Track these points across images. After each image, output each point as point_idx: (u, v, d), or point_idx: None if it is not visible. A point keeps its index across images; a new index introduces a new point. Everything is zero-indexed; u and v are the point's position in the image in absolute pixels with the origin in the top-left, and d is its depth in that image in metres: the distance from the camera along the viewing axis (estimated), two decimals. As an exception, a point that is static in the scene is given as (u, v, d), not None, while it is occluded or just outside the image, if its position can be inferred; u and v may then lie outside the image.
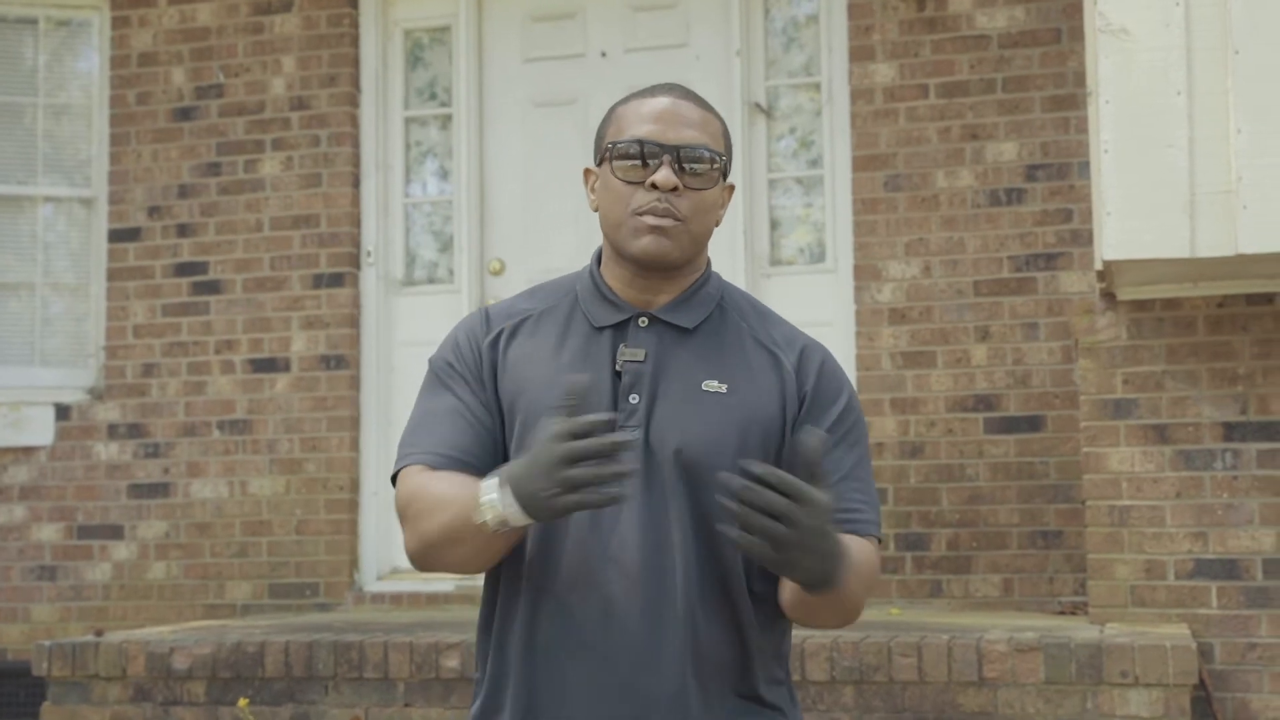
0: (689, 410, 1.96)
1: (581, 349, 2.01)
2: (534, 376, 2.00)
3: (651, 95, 2.02)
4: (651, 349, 2.00)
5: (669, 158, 1.96)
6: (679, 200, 1.97)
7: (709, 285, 2.06)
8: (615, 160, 1.99)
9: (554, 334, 2.04)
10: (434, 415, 2.02)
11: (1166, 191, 4.02)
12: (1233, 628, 4.38)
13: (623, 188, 1.98)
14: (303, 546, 5.93)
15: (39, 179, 6.41)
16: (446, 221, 6.14)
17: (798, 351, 2.05)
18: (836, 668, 4.08)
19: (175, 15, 6.28)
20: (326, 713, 4.38)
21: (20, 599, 6.16)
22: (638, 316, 2.02)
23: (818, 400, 2.02)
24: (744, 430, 1.97)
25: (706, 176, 1.99)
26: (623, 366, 1.99)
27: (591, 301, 2.04)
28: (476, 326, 2.07)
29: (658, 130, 1.97)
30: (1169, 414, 4.49)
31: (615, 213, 2.00)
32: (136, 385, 6.17)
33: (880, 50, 5.59)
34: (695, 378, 1.99)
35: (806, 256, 5.81)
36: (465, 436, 1.99)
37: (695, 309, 2.03)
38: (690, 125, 1.99)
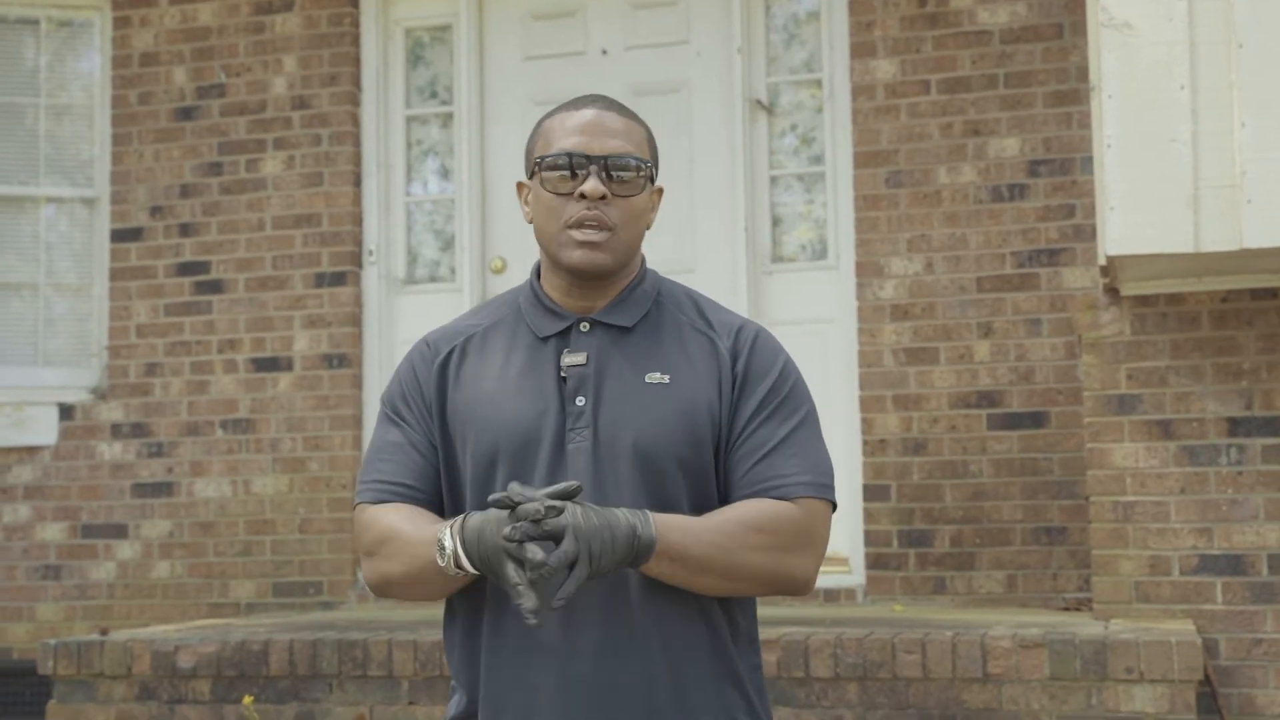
0: (634, 404, 2.03)
1: (527, 360, 2.08)
2: (484, 392, 2.07)
3: (576, 108, 2.09)
4: (593, 351, 2.06)
5: (595, 168, 2.03)
6: (609, 208, 2.03)
7: (645, 283, 2.13)
8: (545, 173, 2.06)
9: (501, 348, 2.11)
10: (385, 450, 2.12)
11: (1170, 186, 4.01)
12: (1238, 623, 4.38)
13: (553, 199, 2.05)
14: (306, 545, 5.93)
15: (41, 179, 6.41)
16: (448, 220, 6.13)
17: (733, 333, 2.10)
18: (840, 664, 4.07)
19: (176, 15, 6.28)
20: (331, 711, 4.38)
21: (25, 598, 6.16)
22: (579, 323, 2.08)
23: (749, 377, 2.07)
24: (689, 416, 2.03)
25: (633, 183, 2.05)
26: (566, 372, 2.05)
27: (534, 313, 2.11)
28: (421, 356, 2.15)
29: (584, 141, 2.04)
30: (1173, 409, 4.49)
31: (549, 225, 2.06)
32: (139, 385, 6.17)
33: (881, 46, 5.59)
34: (638, 372, 2.05)
35: (808, 253, 5.81)
36: (412, 471, 2.09)
37: (632, 307, 2.10)
38: (615, 135, 2.05)
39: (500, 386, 2.06)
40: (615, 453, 2.01)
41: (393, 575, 2.03)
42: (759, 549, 1.98)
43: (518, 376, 2.07)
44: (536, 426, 2.03)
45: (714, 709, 2.02)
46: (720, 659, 2.04)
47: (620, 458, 2.01)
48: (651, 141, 2.12)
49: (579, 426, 2.02)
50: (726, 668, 2.04)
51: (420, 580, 2.00)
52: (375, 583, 2.08)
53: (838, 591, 5.47)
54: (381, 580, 2.06)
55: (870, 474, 5.44)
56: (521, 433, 2.03)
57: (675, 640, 2.00)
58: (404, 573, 2.01)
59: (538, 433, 2.02)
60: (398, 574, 2.02)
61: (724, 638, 2.04)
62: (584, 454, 2.01)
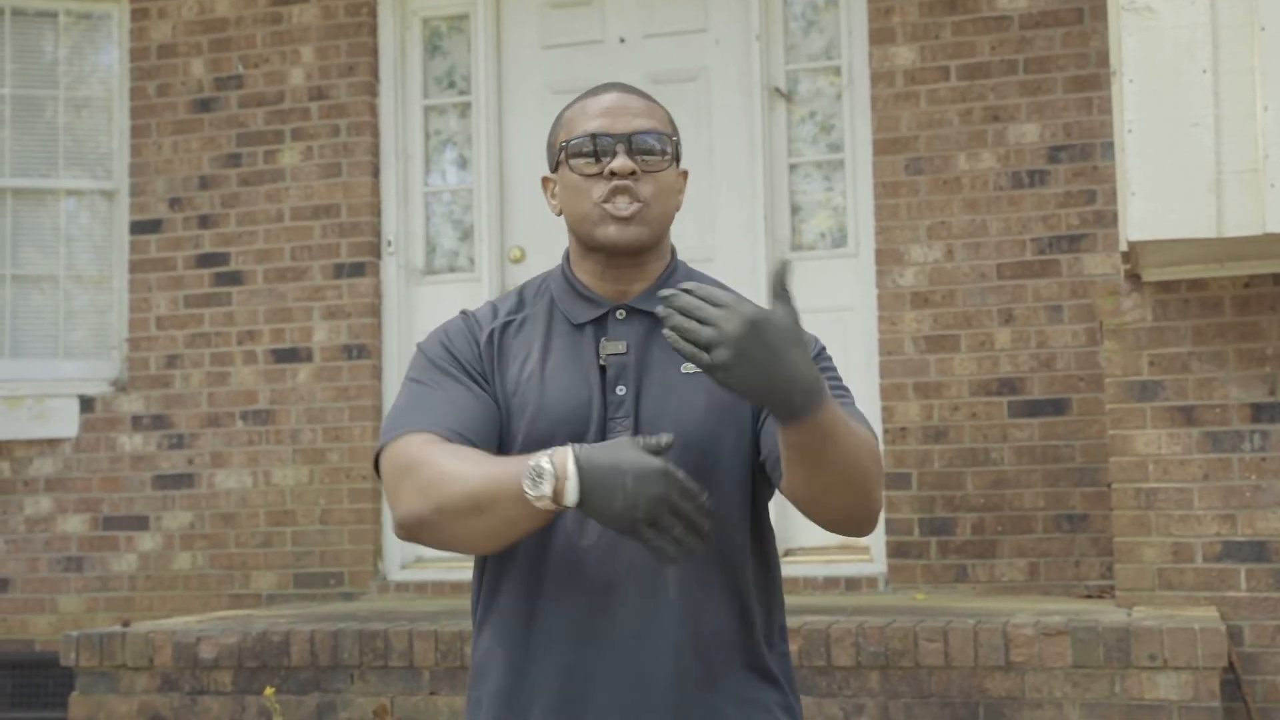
0: (674, 395, 2.02)
1: (566, 349, 2.06)
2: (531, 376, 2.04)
3: (596, 95, 2.10)
4: (632, 340, 2.05)
5: (622, 146, 2.03)
6: (638, 185, 2.03)
7: (678, 273, 2.12)
8: (571, 159, 2.06)
9: (539, 337, 2.08)
10: (431, 398, 1.99)
11: (1192, 171, 3.98)
12: (1262, 610, 4.35)
13: (582, 182, 2.05)
14: (326, 536, 5.93)
15: (61, 172, 6.43)
16: (466, 210, 6.13)
17: None
18: (862, 653, 4.06)
19: (194, 6, 6.28)
20: (352, 701, 4.38)
21: (48, 590, 6.18)
22: (615, 310, 2.07)
23: None
24: (728, 405, 2.01)
25: (660, 159, 2.05)
26: (606, 360, 2.04)
27: (567, 300, 2.09)
28: (468, 328, 2.08)
29: (608, 123, 2.05)
30: (1195, 396, 4.46)
31: (579, 208, 2.05)
32: (160, 376, 6.19)
33: (900, 33, 5.56)
34: (676, 362, 2.03)
35: (828, 241, 5.79)
36: (473, 419, 1.97)
37: None
38: (638, 114, 2.06)
39: (546, 372, 2.04)
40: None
41: (447, 501, 1.85)
42: (867, 459, 1.88)
43: (561, 363, 2.05)
44: (584, 414, 2.01)
45: (746, 698, 2.01)
46: (752, 648, 2.03)
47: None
48: (673, 123, 2.13)
49: (619, 416, 2.01)
50: (758, 657, 2.03)
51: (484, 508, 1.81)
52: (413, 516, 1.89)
53: (859, 580, 5.46)
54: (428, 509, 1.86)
55: (891, 462, 5.42)
56: (572, 419, 2.00)
57: (709, 629, 1.98)
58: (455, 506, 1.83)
59: (585, 420, 2.01)
60: (454, 498, 1.84)
61: (757, 626, 2.03)
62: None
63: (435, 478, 1.87)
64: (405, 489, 1.90)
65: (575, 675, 1.96)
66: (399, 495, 1.91)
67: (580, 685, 1.96)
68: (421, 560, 5.96)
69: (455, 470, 1.86)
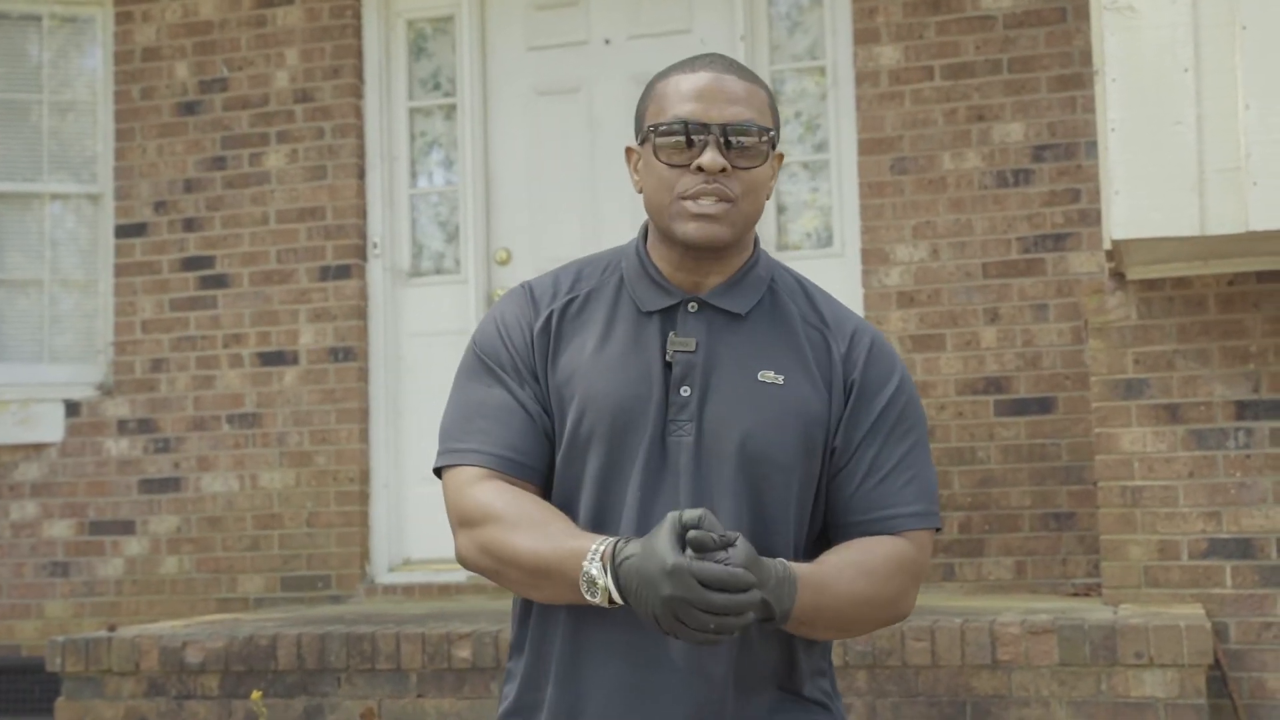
0: (744, 402, 1.89)
1: (630, 336, 1.93)
2: (583, 367, 1.92)
3: (692, 70, 1.91)
4: (702, 337, 1.92)
5: (714, 137, 1.87)
6: (728, 181, 1.88)
7: (759, 267, 1.98)
8: (658, 140, 1.89)
9: (601, 319, 1.95)
10: (486, 408, 1.92)
11: (1175, 169, 3.99)
12: (1248, 607, 4.36)
13: (667, 171, 1.89)
14: (314, 539, 5.93)
15: (45, 176, 6.41)
16: (452, 211, 6.12)
17: (848, 336, 1.97)
18: (850, 652, 4.07)
19: (178, 9, 6.27)
20: (339, 704, 4.38)
21: (33, 595, 6.17)
22: (687, 302, 1.94)
23: (865, 388, 1.95)
24: (801, 421, 1.90)
25: (755, 153, 1.89)
26: (673, 357, 1.91)
27: (638, 283, 1.96)
28: (523, 309, 1.97)
29: (701, 108, 1.87)
30: (1180, 393, 4.47)
31: (660, 197, 1.90)
32: (145, 380, 6.18)
33: (885, 32, 5.57)
34: (750, 368, 1.91)
35: (813, 241, 5.79)
36: (523, 438, 1.91)
37: (747, 293, 1.95)
38: (735, 100, 1.88)
39: (602, 361, 1.91)
40: (720, 452, 1.88)
41: (507, 577, 1.86)
42: (879, 603, 1.89)
43: (621, 353, 1.91)
44: (640, 412, 1.89)
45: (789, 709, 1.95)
46: (796, 673, 1.96)
47: (724, 459, 1.88)
48: (774, 105, 1.94)
49: (682, 419, 1.88)
50: (795, 682, 1.96)
51: (540, 588, 1.84)
52: (478, 566, 1.90)
53: (846, 580, 5.46)
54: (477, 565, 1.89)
55: (877, 462, 5.42)
56: (623, 416, 1.88)
57: (753, 658, 1.91)
58: (519, 577, 1.84)
59: (640, 419, 1.89)
60: (513, 575, 1.85)
61: (798, 653, 1.95)
62: (686, 450, 1.88)
63: (491, 545, 1.86)
64: (464, 538, 1.91)
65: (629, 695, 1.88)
66: (458, 536, 1.92)
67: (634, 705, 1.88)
68: (409, 563, 5.95)
69: (515, 549, 1.84)
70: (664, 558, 1.67)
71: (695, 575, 1.66)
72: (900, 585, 1.90)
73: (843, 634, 1.92)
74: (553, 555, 1.79)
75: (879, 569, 1.88)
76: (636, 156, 1.97)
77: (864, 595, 1.86)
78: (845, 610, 1.85)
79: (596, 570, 1.74)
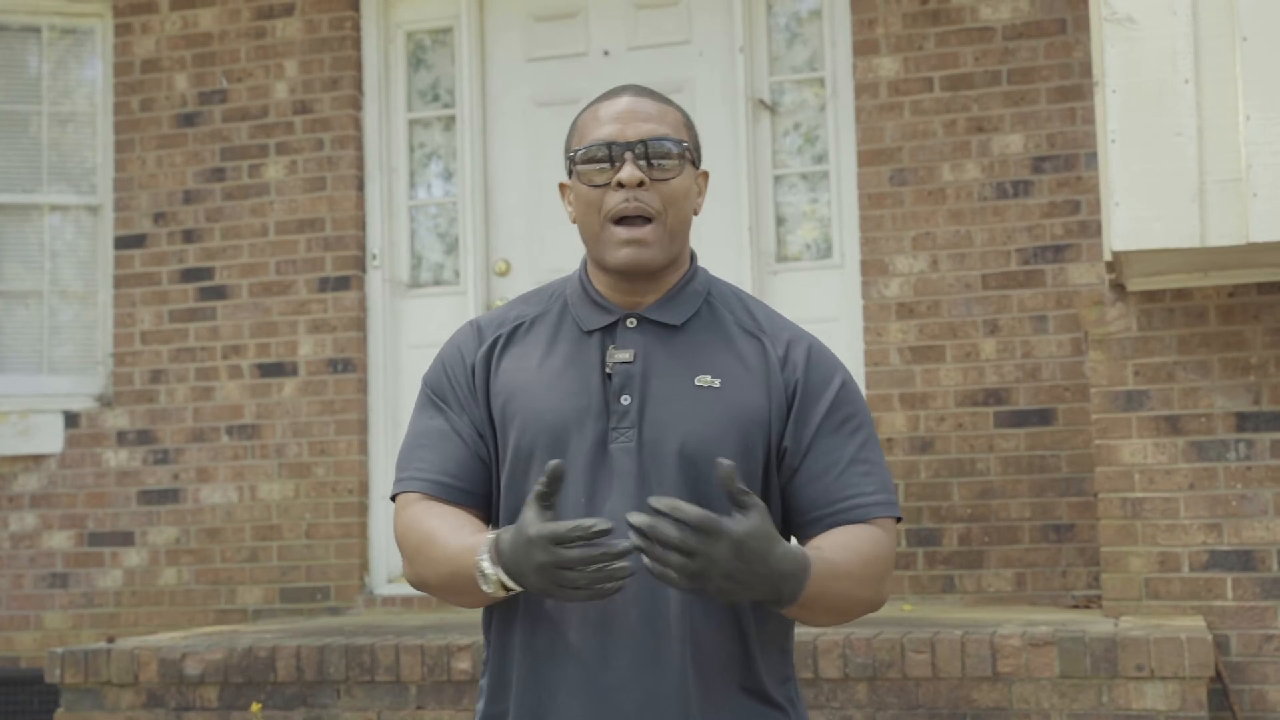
0: (683, 407, 1.97)
1: (571, 353, 2.02)
2: (524, 383, 2.01)
3: (608, 99, 2.04)
4: (640, 349, 2.00)
5: (631, 154, 1.97)
6: (649, 195, 1.97)
7: (695, 281, 2.07)
8: (580, 166, 2.00)
9: (544, 339, 2.05)
10: (427, 436, 2.05)
11: (1175, 180, 3.99)
12: (1249, 619, 4.35)
13: (592, 193, 1.99)
14: (313, 550, 5.92)
15: (45, 187, 6.41)
16: (451, 223, 6.12)
17: (785, 341, 2.05)
18: (850, 665, 4.06)
19: (177, 21, 6.28)
20: (339, 716, 4.36)
21: (32, 607, 6.15)
22: (626, 318, 2.02)
23: (808, 390, 2.01)
24: (740, 422, 1.97)
25: (672, 165, 1.99)
26: (612, 368, 1.99)
27: (580, 305, 2.05)
28: (468, 339, 2.08)
29: (617, 130, 1.99)
30: (1181, 405, 4.47)
31: (591, 222, 2.00)
32: (145, 392, 6.17)
33: (884, 44, 5.57)
34: (687, 373, 1.99)
35: (813, 252, 5.79)
36: (457, 463, 2.02)
37: (682, 305, 2.04)
38: (649, 119, 2.00)
39: (541, 378, 2.01)
40: (660, 455, 1.95)
41: (430, 583, 1.98)
42: (867, 583, 1.94)
43: (560, 369, 2.01)
44: (580, 422, 1.97)
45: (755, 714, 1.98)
46: (750, 673, 1.98)
47: (665, 461, 1.95)
48: (690, 125, 2.06)
49: (623, 426, 1.96)
50: (755, 681, 1.99)
51: (460, 592, 1.93)
52: (413, 584, 2.04)
53: (846, 591, 5.45)
54: (420, 585, 2.02)
55: (877, 473, 5.42)
56: (564, 428, 1.97)
57: (708, 654, 1.95)
58: (441, 584, 1.96)
59: (579, 428, 1.97)
60: (435, 583, 1.97)
61: (754, 652, 1.98)
62: (628, 455, 1.95)
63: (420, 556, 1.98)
64: (405, 557, 2.03)
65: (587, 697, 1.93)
66: (403, 558, 2.04)
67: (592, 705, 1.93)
68: (408, 574, 5.94)
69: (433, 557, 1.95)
70: (525, 529, 1.78)
71: (548, 537, 1.75)
72: (883, 569, 1.97)
73: (837, 619, 1.96)
74: (457, 556, 1.90)
75: (870, 552, 1.94)
76: (568, 190, 2.07)
77: (860, 578, 1.93)
78: (845, 594, 1.91)
79: (487, 564, 1.84)
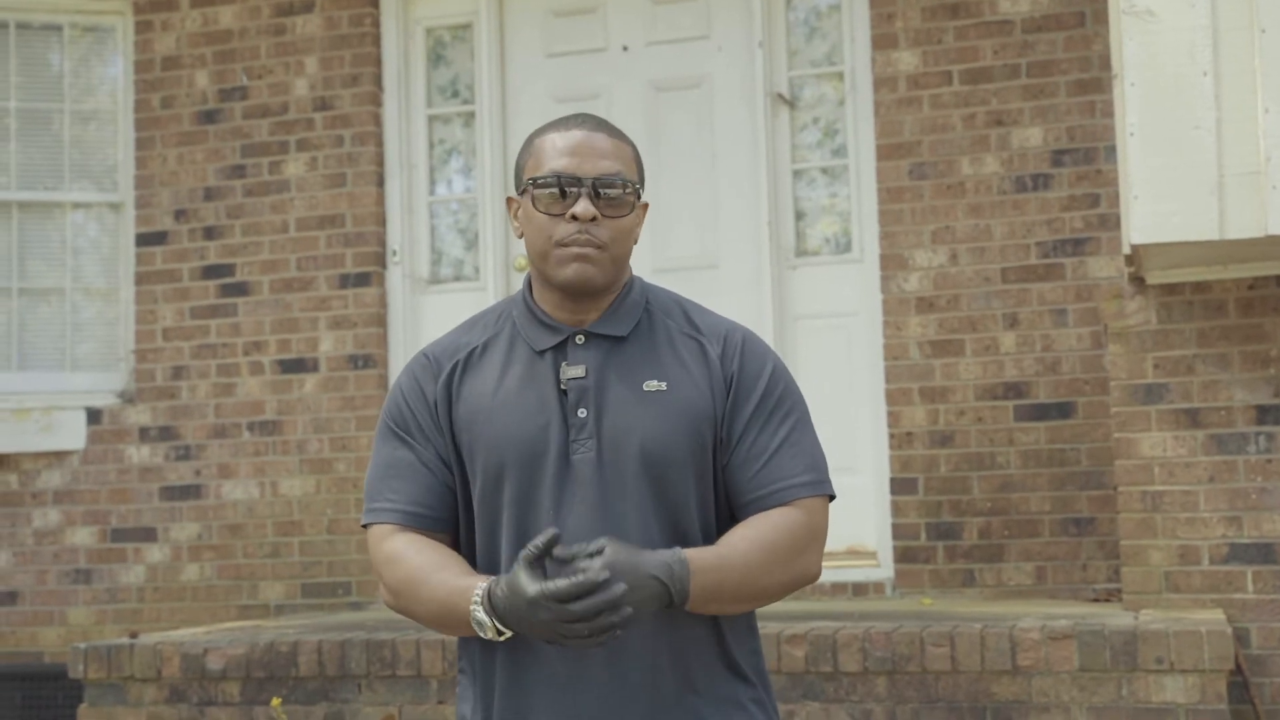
0: (636, 412, 2.08)
1: (526, 374, 2.13)
2: (484, 408, 2.11)
3: (565, 129, 2.13)
4: (591, 363, 2.11)
5: (586, 190, 2.08)
6: (598, 229, 2.08)
7: (633, 293, 2.18)
8: (536, 192, 2.10)
9: (499, 363, 2.15)
10: (395, 468, 2.14)
11: (1194, 173, 3.98)
12: (1269, 612, 4.34)
13: (544, 220, 2.10)
14: (334, 546, 5.94)
15: (67, 185, 6.45)
16: (472, 219, 6.14)
17: (721, 337, 2.16)
18: (869, 658, 4.06)
19: (198, 18, 6.30)
20: (360, 711, 4.39)
21: (56, 602, 6.20)
22: (574, 335, 2.13)
23: (742, 381, 2.13)
24: (690, 420, 2.09)
25: (622, 203, 2.10)
26: (567, 385, 2.10)
27: (529, 327, 2.15)
28: (424, 371, 2.17)
29: (574, 163, 2.09)
30: (1201, 398, 4.46)
31: (539, 244, 2.11)
32: (166, 388, 6.20)
33: (903, 38, 5.57)
34: (636, 381, 2.10)
35: (832, 247, 5.79)
36: (428, 493, 2.12)
37: (624, 318, 2.15)
38: (604, 155, 2.10)
39: (501, 400, 2.11)
40: (621, 460, 2.06)
41: (419, 617, 2.08)
42: (776, 565, 2.05)
43: (518, 390, 2.11)
44: (542, 439, 2.08)
45: (720, 695, 2.10)
46: (721, 648, 2.11)
47: (626, 465, 2.06)
48: (638, 159, 2.17)
49: (582, 438, 2.08)
50: (727, 656, 2.11)
51: (450, 627, 2.05)
52: (394, 610, 2.13)
53: (866, 585, 5.46)
54: (404, 614, 2.11)
55: (897, 467, 5.42)
56: (528, 446, 2.08)
57: (680, 632, 2.06)
58: (431, 619, 2.06)
59: (543, 445, 2.07)
60: (424, 617, 2.07)
61: (723, 627, 2.10)
62: (589, 464, 2.07)
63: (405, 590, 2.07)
64: (387, 588, 2.12)
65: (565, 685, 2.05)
66: (380, 583, 2.14)
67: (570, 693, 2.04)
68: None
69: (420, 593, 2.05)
70: (524, 591, 1.89)
71: (552, 596, 1.87)
72: (794, 547, 2.07)
73: (753, 603, 2.08)
74: (448, 598, 2.01)
75: (770, 536, 2.05)
76: (517, 205, 2.17)
77: (760, 563, 2.04)
78: (746, 581, 2.03)
79: (482, 615, 1.96)
